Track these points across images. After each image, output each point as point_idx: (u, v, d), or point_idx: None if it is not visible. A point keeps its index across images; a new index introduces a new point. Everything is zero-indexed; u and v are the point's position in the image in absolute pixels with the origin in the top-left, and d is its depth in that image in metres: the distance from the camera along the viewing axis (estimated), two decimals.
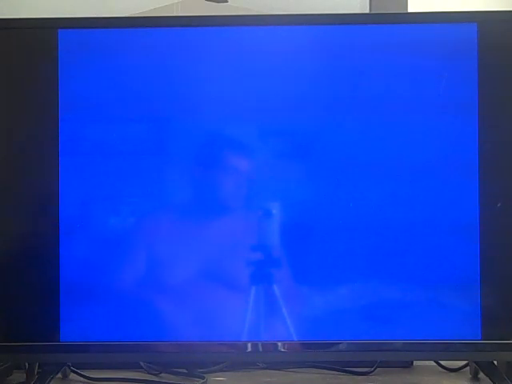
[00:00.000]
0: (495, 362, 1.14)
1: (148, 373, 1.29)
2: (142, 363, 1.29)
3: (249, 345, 1.12)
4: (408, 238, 1.11)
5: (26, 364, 1.20)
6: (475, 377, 1.24)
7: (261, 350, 1.12)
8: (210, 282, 1.13)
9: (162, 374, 1.28)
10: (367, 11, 1.44)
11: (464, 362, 1.29)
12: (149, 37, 1.13)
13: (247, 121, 1.13)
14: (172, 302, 1.13)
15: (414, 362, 1.35)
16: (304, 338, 1.12)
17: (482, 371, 1.16)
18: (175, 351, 1.13)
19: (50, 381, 1.14)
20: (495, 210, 1.11)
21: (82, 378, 1.25)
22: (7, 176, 1.14)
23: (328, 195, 1.12)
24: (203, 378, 1.23)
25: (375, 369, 1.28)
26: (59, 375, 1.22)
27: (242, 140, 1.13)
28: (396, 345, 1.11)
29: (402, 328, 1.12)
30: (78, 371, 1.25)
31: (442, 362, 1.31)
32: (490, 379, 1.13)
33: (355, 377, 1.27)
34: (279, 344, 1.12)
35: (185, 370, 1.27)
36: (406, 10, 1.41)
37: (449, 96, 1.12)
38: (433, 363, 1.31)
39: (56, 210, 1.12)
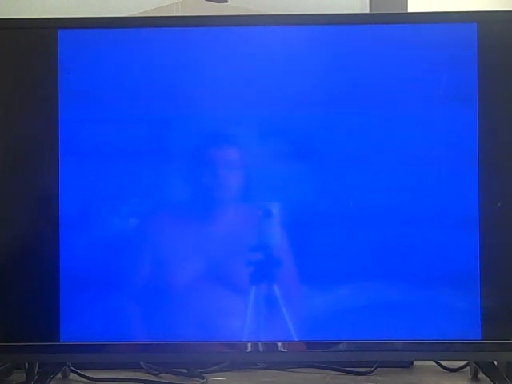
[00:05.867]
0: (495, 362, 1.15)
1: (148, 373, 1.29)
2: (142, 363, 1.29)
3: (249, 345, 1.12)
4: (408, 237, 1.11)
5: (26, 364, 1.20)
6: (475, 377, 1.24)
7: (261, 350, 1.12)
8: (211, 282, 1.13)
9: (162, 374, 1.28)
10: (367, 11, 1.44)
11: (464, 362, 1.29)
12: (149, 37, 1.13)
13: (247, 120, 1.13)
14: (172, 301, 1.13)
15: (414, 362, 1.35)
16: (304, 338, 1.12)
17: (482, 371, 1.16)
18: (175, 351, 1.13)
19: (49, 381, 1.14)
20: (495, 209, 1.11)
21: (81, 378, 1.25)
22: (7, 175, 1.14)
23: (328, 194, 1.12)
24: (203, 378, 1.23)
25: (375, 369, 1.27)
26: (59, 375, 1.22)
27: (242, 139, 1.14)
28: (396, 345, 1.11)
29: (402, 328, 1.12)
30: (78, 371, 1.25)
31: (442, 362, 1.30)
32: (490, 379, 1.13)
33: (355, 377, 1.27)
34: (279, 344, 1.12)
35: (185, 370, 1.27)
36: (406, 10, 1.41)
37: (449, 96, 1.12)
38: (433, 363, 1.31)
39: (56, 210, 1.12)
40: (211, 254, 1.13)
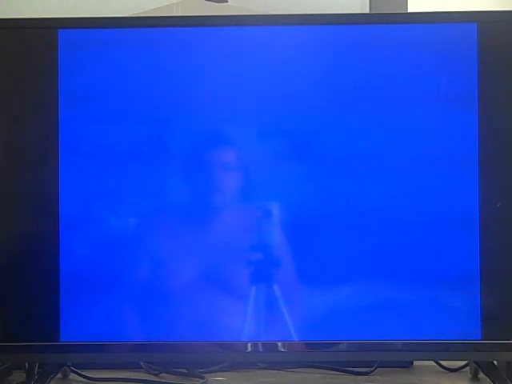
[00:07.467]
0: (495, 362, 1.15)
1: (148, 373, 1.29)
2: (142, 363, 1.29)
3: (249, 345, 1.12)
4: (408, 237, 1.11)
5: (26, 364, 1.20)
6: (475, 377, 1.24)
7: (261, 350, 1.12)
8: (211, 282, 1.13)
9: (162, 374, 1.28)
10: (367, 11, 1.44)
11: (464, 362, 1.29)
12: (149, 37, 1.13)
13: (247, 120, 1.13)
14: (172, 301, 1.13)
15: (414, 362, 1.35)
16: (304, 338, 1.12)
17: (482, 371, 1.16)
18: (175, 351, 1.13)
19: (49, 381, 1.14)
20: (495, 209, 1.11)
21: (81, 378, 1.25)
22: (7, 176, 1.14)
23: (328, 194, 1.12)
24: (203, 377, 1.23)
25: (375, 369, 1.27)
26: (59, 375, 1.22)
27: (241, 140, 1.13)
28: (396, 345, 1.11)
29: (402, 328, 1.12)
30: (78, 371, 1.25)
31: (442, 362, 1.31)
32: (490, 379, 1.13)
33: (355, 377, 1.27)
34: (279, 344, 1.12)
35: (185, 370, 1.27)
36: (406, 10, 1.41)
37: (449, 96, 1.12)
38: (433, 363, 1.31)
39: (56, 210, 1.12)
40: (211, 254, 1.13)
